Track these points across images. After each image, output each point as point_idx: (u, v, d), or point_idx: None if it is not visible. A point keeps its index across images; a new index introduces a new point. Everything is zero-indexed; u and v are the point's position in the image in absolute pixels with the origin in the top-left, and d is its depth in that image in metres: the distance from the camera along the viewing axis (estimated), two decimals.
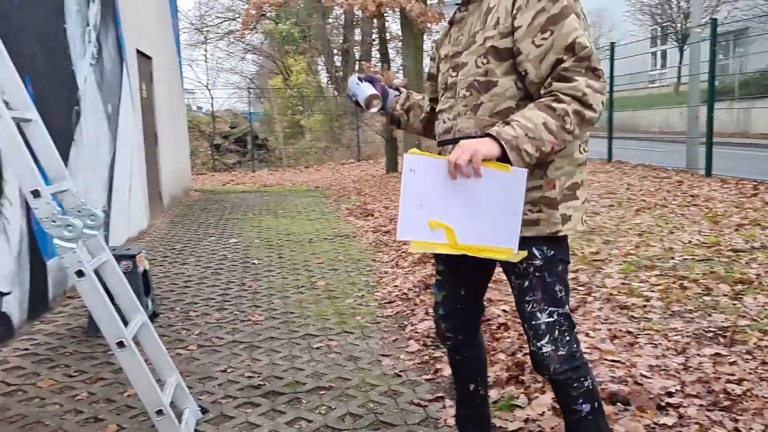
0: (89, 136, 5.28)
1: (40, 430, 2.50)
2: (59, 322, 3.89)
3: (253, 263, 5.43)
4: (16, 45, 3.77)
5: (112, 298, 2.53)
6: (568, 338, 1.70)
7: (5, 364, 3.20)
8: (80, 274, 2.25)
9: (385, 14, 13.29)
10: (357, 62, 21.12)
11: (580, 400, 1.72)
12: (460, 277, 1.91)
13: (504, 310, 3.63)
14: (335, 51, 22.23)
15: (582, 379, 1.72)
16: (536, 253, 1.67)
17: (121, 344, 2.26)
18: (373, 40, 20.11)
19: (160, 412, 2.27)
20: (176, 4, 11.38)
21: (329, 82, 22.05)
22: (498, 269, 1.88)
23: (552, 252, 1.68)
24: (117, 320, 2.28)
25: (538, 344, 1.69)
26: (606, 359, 2.84)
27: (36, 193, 2.29)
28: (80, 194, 2.75)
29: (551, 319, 1.68)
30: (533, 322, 1.69)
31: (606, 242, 5.18)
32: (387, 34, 14.36)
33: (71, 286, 4.49)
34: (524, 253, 1.63)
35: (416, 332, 3.49)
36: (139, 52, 7.60)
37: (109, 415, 2.61)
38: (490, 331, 3.32)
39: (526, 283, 1.69)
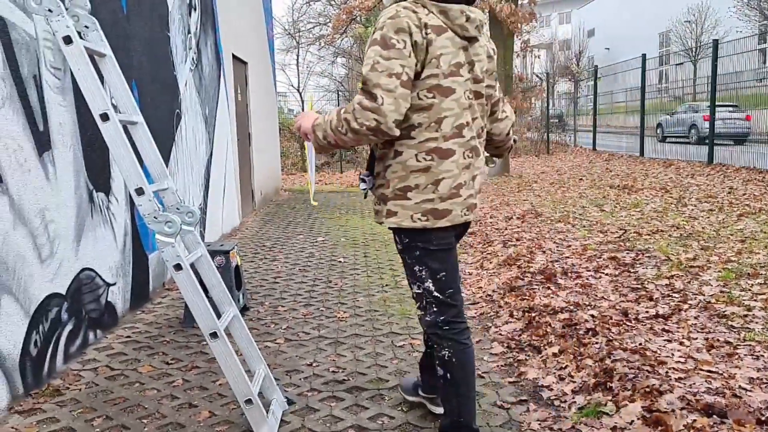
0: (189, 138, 5.58)
1: (139, 412, 2.67)
2: (158, 312, 4.13)
3: (339, 261, 5.54)
4: (124, 52, 4.05)
5: (206, 291, 2.67)
6: (435, 309, 2.14)
7: (110, 349, 3.43)
8: (178, 267, 2.39)
9: None
10: None
11: (438, 362, 2.15)
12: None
13: (592, 315, 3.52)
14: None
15: (440, 347, 2.13)
16: (397, 239, 2.17)
17: (214, 335, 2.38)
18: None
19: (249, 402, 2.37)
20: (271, 11, 11.79)
21: None
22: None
23: (407, 240, 2.11)
24: (210, 312, 2.39)
25: (416, 306, 2.21)
26: (702, 369, 2.69)
27: (140, 191, 2.45)
28: (179, 192, 2.92)
29: (418, 291, 2.16)
30: (411, 290, 2.22)
31: (704, 248, 4.91)
32: None
33: (169, 278, 4.75)
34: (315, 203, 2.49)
35: (500, 334, 3.45)
36: (235, 57, 7.94)
37: (202, 402, 2.75)
38: (577, 336, 3.23)
39: (402, 261, 2.21)
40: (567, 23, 46.62)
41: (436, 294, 2.12)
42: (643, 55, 14.56)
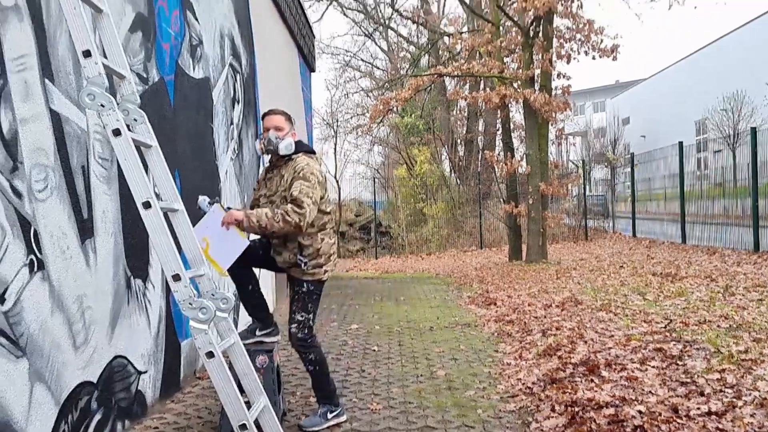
0: None
1: None
2: (188, 402, 4.07)
3: (373, 350, 5.43)
4: (169, 143, 4.22)
5: (237, 379, 2.62)
6: (306, 331, 3.55)
7: None
8: (210, 355, 2.36)
9: (508, 105, 13.48)
10: (480, 151, 21.40)
11: (307, 363, 3.59)
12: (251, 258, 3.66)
13: (640, 411, 3.32)
14: (459, 141, 22.73)
15: (307, 353, 3.57)
16: (305, 285, 3.59)
17: (243, 427, 2.31)
18: (497, 130, 20.36)
19: None
20: (310, 103, 12.30)
21: (452, 171, 22.42)
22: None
23: (312, 287, 3.61)
24: (241, 402, 2.34)
25: (291, 326, 3.56)
26: None
27: (176, 277, 2.47)
28: (214, 278, 2.94)
29: (301, 318, 3.55)
30: (293, 315, 3.57)
31: (756, 340, 4.66)
32: (510, 124, 14.48)
33: (201, 366, 4.71)
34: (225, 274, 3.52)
35: (541, 430, 3.27)
36: None
37: None
38: None
39: (296, 296, 3.60)
40: (601, 111, 47.26)
41: (312, 322, 3.60)
42: (680, 143, 14.56)
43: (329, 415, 3.54)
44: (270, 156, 3.73)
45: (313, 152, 3.86)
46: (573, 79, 15.16)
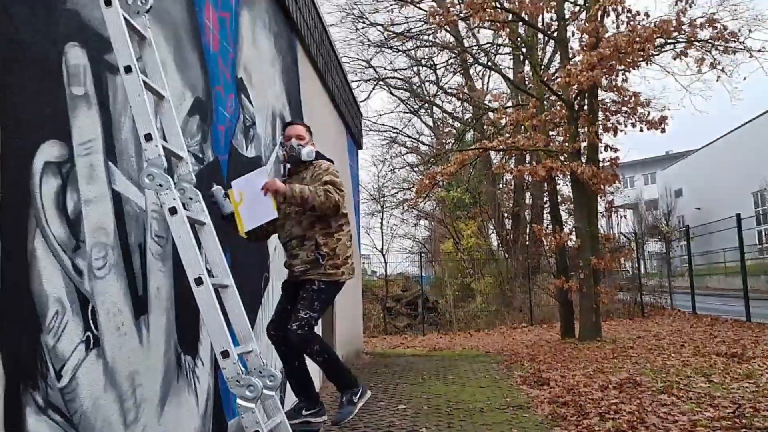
0: (275, 300, 5.71)
1: None
2: None
3: None
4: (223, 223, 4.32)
5: None
6: (306, 329, 3.56)
7: None
8: None
9: (555, 178, 13.43)
10: (528, 225, 21.21)
11: (314, 356, 3.59)
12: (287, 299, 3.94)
13: None
14: (505, 214, 22.63)
15: (311, 346, 3.59)
16: (316, 283, 3.71)
17: None
18: (544, 203, 20.23)
19: None
20: (358, 178, 12.54)
21: (500, 245, 22.21)
22: None
23: (324, 286, 3.73)
24: None
25: (291, 324, 3.59)
26: None
27: (225, 354, 2.48)
28: (262, 354, 2.93)
29: (305, 316, 3.59)
30: (296, 313, 3.62)
31: None
32: (558, 197, 14.38)
33: None
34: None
35: None
36: None
37: None
38: None
39: (304, 294, 3.70)
40: (652, 183, 46.55)
41: (313, 322, 3.66)
42: (738, 215, 14.12)
43: (355, 399, 3.62)
44: (289, 165, 4.06)
45: (332, 161, 4.20)
46: (621, 151, 15.05)
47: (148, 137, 2.64)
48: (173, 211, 2.65)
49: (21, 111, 2.33)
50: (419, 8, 21.02)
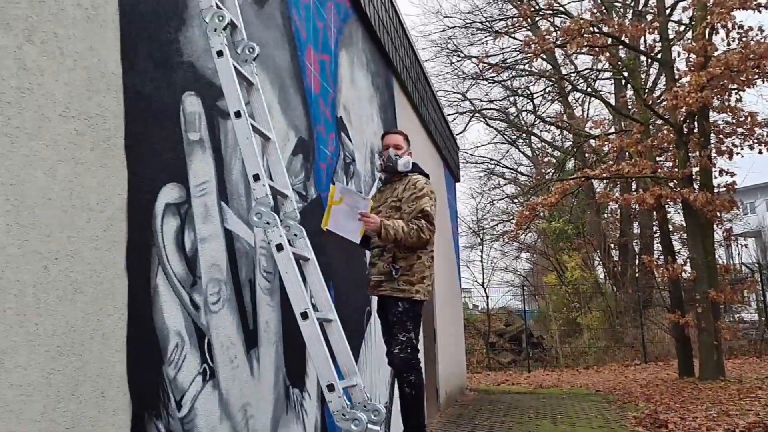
0: (378, 336, 5.75)
1: None
2: None
3: None
4: (324, 257, 4.43)
5: None
6: (409, 351, 3.64)
7: None
8: None
9: (665, 206, 12.74)
10: (637, 256, 20.18)
11: (405, 385, 3.59)
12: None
13: None
14: (612, 245, 21.65)
15: (408, 374, 3.61)
16: (399, 304, 3.72)
17: None
18: (654, 233, 19.20)
19: None
20: (456, 211, 12.49)
21: (607, 278, 21.22)
22: None
23: (408, 306, 3.72)
24: None
25: (393, 348, 3.69)
26: None
27: (331, 387, 2.51)
28: (366, 389, 2.94)
29: (403, 338, 3.64)
30: (395, 337, 3.69)
31: None
32: (669, 226, 13.58)
33: None
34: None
35: None
36: None
37: None
38: None
39: (394, 319, 3.72)
40: None
41: (414, 341, 3.69)
42: None
43: None
44: (385, 174, 4.06)
45: (427, 175, 4.13)
46: (739, 175, 14.04)
47: (256, 177, 2.77)
48: (280, 247, 2.75)
49: (146, 157, 2.53)
50: (514, 38, 20.90)
